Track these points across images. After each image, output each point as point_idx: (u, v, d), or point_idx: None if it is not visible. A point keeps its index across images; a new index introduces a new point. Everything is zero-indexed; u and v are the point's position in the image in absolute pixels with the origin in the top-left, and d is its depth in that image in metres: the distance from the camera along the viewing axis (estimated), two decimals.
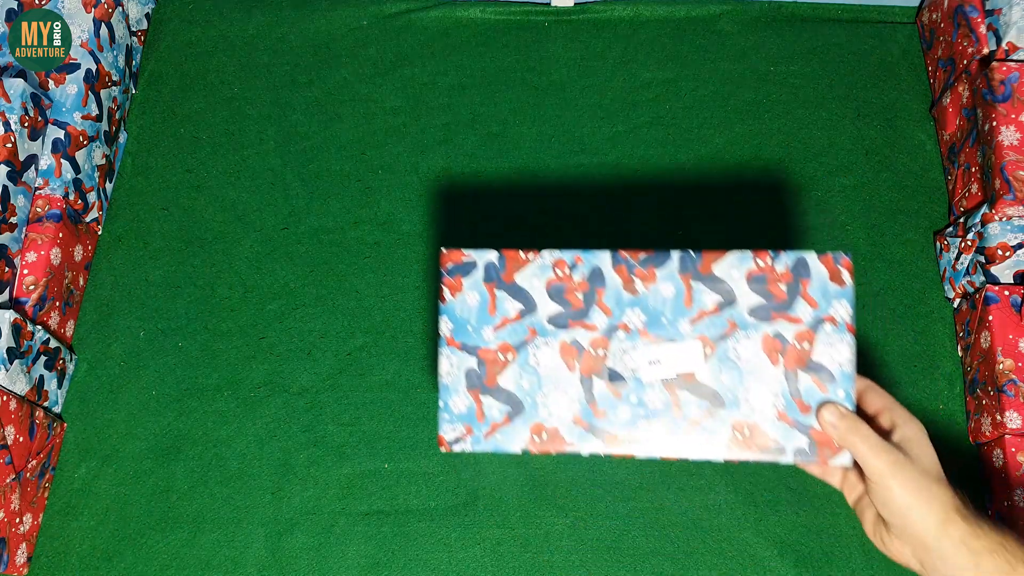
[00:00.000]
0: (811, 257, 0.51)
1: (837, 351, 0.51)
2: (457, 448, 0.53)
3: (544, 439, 0.52)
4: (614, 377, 0.52)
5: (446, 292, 0.53)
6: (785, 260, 0.52)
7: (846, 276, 0.51)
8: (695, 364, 0.51)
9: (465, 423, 0.52)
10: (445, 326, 0.53)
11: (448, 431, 0.52)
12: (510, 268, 0.53)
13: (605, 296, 0.52)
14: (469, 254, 0.54)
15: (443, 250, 0.54)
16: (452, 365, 0.53)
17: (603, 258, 0.52)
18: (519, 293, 0.53)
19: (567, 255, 0.53)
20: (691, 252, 0.52)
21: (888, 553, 0.50)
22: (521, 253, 0.53)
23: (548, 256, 0.53)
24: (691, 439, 0.51)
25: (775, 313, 0.51)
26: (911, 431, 0.50)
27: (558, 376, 0.52)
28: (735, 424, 0.51)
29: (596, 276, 0.53)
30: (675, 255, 0.52)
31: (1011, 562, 0.45)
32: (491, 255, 0.54)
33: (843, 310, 0.51)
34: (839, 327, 0.51)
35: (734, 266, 0.52)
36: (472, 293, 0.53)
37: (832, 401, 0.50)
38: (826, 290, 0.51)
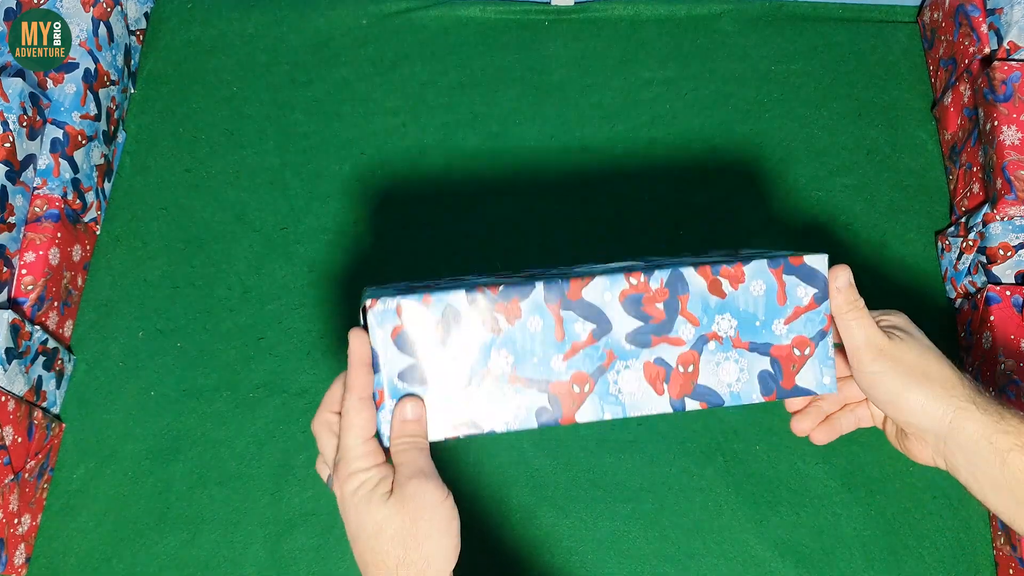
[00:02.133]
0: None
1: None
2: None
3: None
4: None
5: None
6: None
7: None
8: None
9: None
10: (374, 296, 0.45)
11: (380, 292, 0.45)
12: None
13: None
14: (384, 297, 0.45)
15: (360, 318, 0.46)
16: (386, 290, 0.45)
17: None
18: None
19: (413, 299, 0.44)
20: (558, 279, 0.46)
21: (911, 455, 0.47)
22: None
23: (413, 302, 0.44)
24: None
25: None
26: (898, 318, 0.48)
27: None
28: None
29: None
30: (539, 284, 0.45)
31: None
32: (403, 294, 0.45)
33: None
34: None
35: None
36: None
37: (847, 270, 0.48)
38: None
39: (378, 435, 0.44)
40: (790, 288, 0.47)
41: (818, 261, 0.48)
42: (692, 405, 0.47)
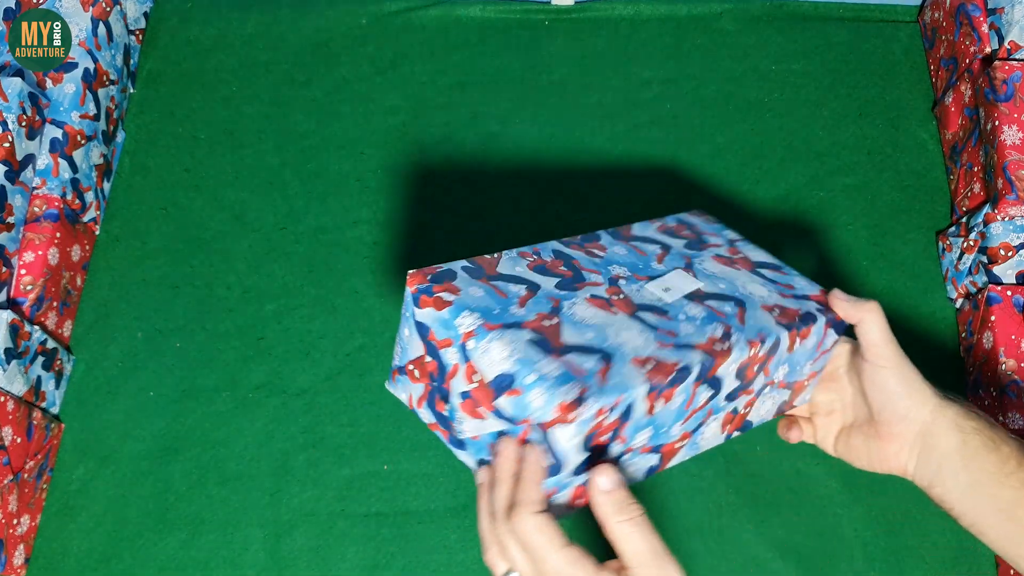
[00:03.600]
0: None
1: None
2: (594, 475, 0.42)
3: (654, 367, 0.44)
4: (653, 309, 0.49)
5: (445, 297, 0.46)
6: (670, 221, 0.60)
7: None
8: (695, 283, 0.53)
9: (569, 384, 0.42)
10: (470, 320, 0.45)
11: (563, 395, 0.41)
12: (486, 267, 0.50)
13: (581, 263, 0.53)
14: (438, 267, 0.48)
15: (409, 273, 0.47)
16: (510, 342, 0.43)
17: (552, 245, 0.54)
18: (513, 279, 0.50)
19: (523, 250, 0.54)
20: (607, 228, 0.57)
21: (884, 466, 0.50)
22: (487, 256, 0.51)
23: (512, 252, 0.53)
24: (753, 328, 0.50)
25: (702, 245, 0.57)
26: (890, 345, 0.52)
27: (610, 321, 0.47)
28: (764, 307, 0.52)
29: (560, 255, 0.53)
30: (601, 232, 0.56)
31: (995, 440, 0.46)
32: (459, 264, 0.49)
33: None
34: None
35: (645, 229, 0.58)
36: (471, 289, 0.47)
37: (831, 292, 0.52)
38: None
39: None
40: (828, 339, 0.53)
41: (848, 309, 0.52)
42: (735, 434, 0.53)
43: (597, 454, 0.44)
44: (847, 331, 0.52)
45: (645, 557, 0.38)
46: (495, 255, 0.51)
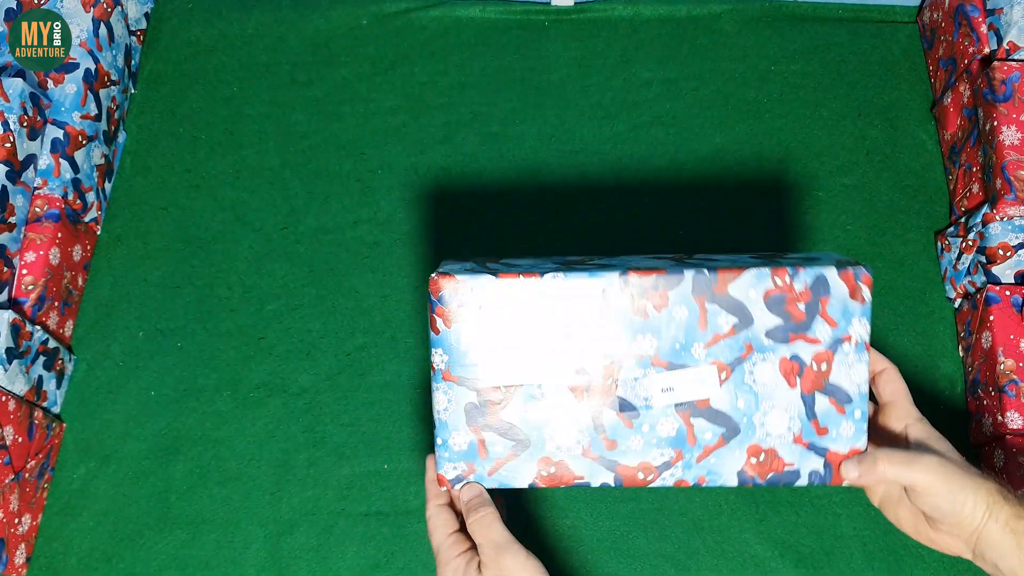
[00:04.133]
0: (831, 273, 0.49)
1: (855, 372, 0.49)
2: (459, 488, 0.51)
3: (552, 473, 0.50)
4: (625, 407, 0.49)
5: (438, 322, 0.49)
6: (804, 278, 0.49)
7: (865, 292, 0.49)
8: (710, 390, 0.49)
9: (467, 460, 0.50)
10: (439, 359, 0.49)
11: (449, 470, 0.50)
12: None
13: (613, 320, 0.49)
14: (463, 280, 0.49)
15: (433, 276, 0.49)
16: (448, 400, 0.50)
17: (611, 279, 0.48)
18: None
19: (573, 278, 0.48)
20: (705, 271, 0.48)
21: (935, 546, 0.50)
22: (521, 277, 0.48)
23: (549, 279, 0.48)
24: (705, 467, 0.50)
25: (792, 334, 0.49)
26: (922, 430, 0.50)
27: (566, 407, 0.49)
28: (751, 449, 0.50)
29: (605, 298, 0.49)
30: (688, 274, 0.48)
31: None
32: (484, 281, 0.48)
33: (862, 328, 0.49)
34: (858, 346, 0.49)
35: (751, 285, 0.49)
36: (469, 324, 0.49)
37: (845, 459, 0.50)
38: (846, 308, 0.49)
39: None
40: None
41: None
42: (821, 401, 0.50)
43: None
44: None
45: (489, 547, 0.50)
46: (531, 277, 0.49)
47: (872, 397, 0.53)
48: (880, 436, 0.52)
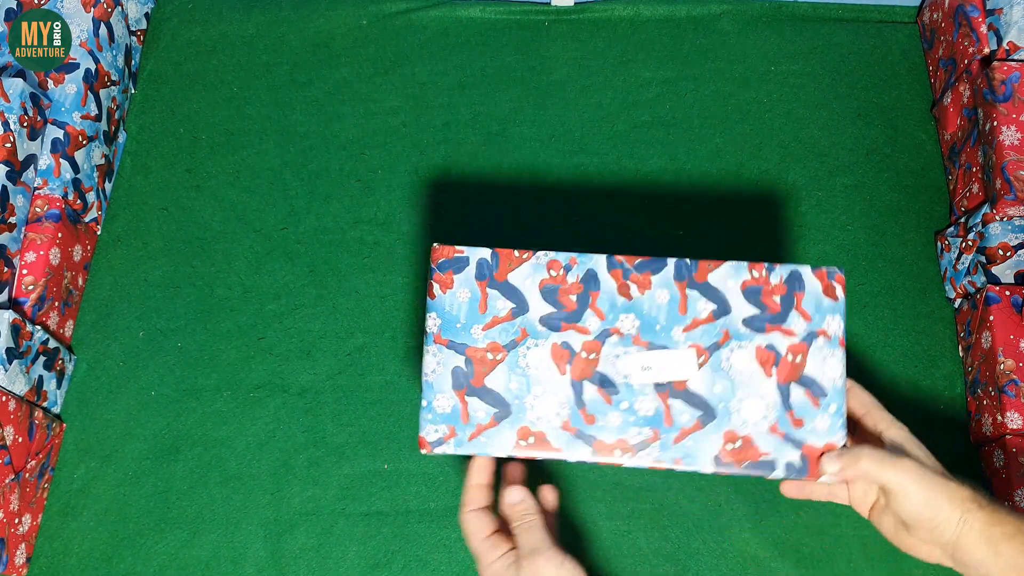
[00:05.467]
0: (805, 271, 0.52)
1: (829, 366, 0.51)
2: (439, 451, 0.51)
3: (530, 443, 0.51)
4: (605, 383, 0.51)
5: (435, 287, 0.53)
6: (780, 272, 0.52)
7: (839, 291, 0.51)
8: (688, 372, 0.51)
9: (449, 424, 0.51)
10: (432, 322, 0.52)
11: (430, 432, 0.51)
12: (503, 267, 0.53)
13: (599, 300, 0.52)
14: (462, 250, 0.53)
15: (435, 245, 0.54)
16: (438, 363, 0.52)
17: (598, 261, 0.52)
18: (511, 292, 0.52)
19: (562, 256, 0.52)
20: (687, 260, 0.52)
21: (914, 553, 0.51)
22: (515, 252, 0.53)
23: (543, 256, 0.53)
24: (681, 449, 0.51)
25: (769, 325, 0.51)
26: (899, 434, 0.51)
27: (548, 379, 0.51)
28: (727, 435, 0.50)
29: (591, 279, 0.52)
30: (671, 262, 0.52)
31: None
32: (484, 252, 0.53)
33: (835, 324, 0.51)
34: (831, 341, 0.51)
35: (729, 276, 0.52)
36: (463, 290, 0.52)
37: (824, 452, 0.51)
38: (820, 304, 0.51)
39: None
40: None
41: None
42: (796, 392, 0.51)
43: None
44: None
45: (527, 550, 0.51)
46: (525, 254, 0.53)
47: (849, 429, 0.53)
48: (858, 442, 0.53)
